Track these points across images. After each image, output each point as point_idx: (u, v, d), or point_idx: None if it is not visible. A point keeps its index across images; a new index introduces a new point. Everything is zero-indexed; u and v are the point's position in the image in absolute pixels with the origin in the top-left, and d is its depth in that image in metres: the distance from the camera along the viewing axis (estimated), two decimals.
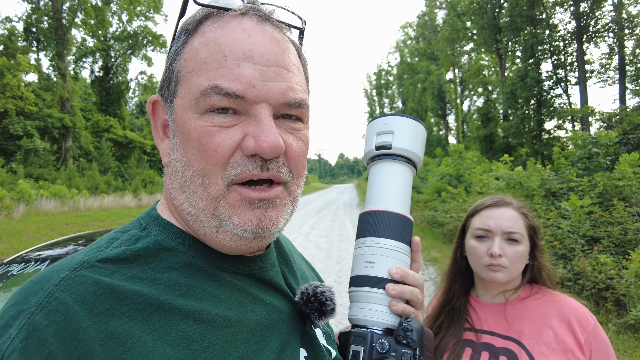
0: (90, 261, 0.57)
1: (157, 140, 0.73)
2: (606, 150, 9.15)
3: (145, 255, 0.62)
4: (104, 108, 32.72)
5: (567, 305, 1.39)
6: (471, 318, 1.52)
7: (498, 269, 1.42)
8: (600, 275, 5.51)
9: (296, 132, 0.68)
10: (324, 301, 0.75)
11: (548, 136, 23.01)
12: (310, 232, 14.08)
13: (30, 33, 28.25)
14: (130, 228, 0.68)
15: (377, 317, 0.78)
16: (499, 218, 1.46)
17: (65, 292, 0.52)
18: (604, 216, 6.52)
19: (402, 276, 0.79)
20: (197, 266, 0.65)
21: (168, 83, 0.68)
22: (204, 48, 0.63)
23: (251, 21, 0.64)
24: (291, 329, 0.73)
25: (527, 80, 22.26)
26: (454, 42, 33.38)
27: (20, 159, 22.97)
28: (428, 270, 8.80)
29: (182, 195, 0.66)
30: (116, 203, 21.31)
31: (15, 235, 11.45)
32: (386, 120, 0.87)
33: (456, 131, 41.18)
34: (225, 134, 0.61)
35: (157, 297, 0.57)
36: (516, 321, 1.42)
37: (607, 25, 20.97)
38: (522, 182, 9.21)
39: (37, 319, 0.49)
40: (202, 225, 0.65)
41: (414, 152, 0.86)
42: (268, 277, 0.75)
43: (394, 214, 0.82)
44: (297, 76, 0.68)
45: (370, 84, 70.43)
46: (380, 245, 0.81)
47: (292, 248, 0.99)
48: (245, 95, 0.60)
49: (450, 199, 13.80)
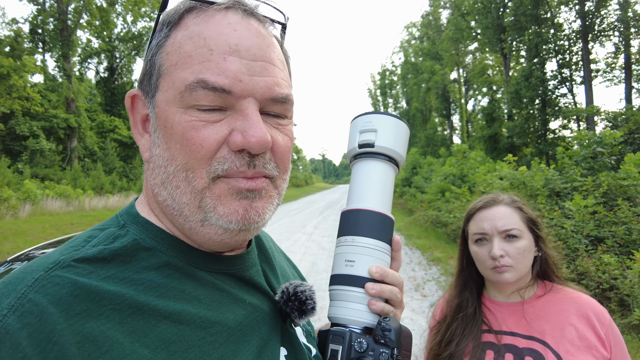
0: (66, 261, 0.55)
1: (136, 136, 0.72)
2: (611, 149, 9.08)
3: (124, 254, 0.61)
4: (109, 109, 32.89)
5: (583, 302, 1.38)
6: (488, 319, 1.49)
7: (504, 270, 1.39)
8: (604, 275, 5.48)
9: (281, 128, 0.68)
10: (304, 300, 0.75)
11: (553, 136, 22.87)
12: (313, 232, 14.08)
13: (36, 34, 28.46)
14: (108, 226, 0.67)
15: (356, 315, 0.78)
16: (492, 218, 1.44)
17: (39, 293, 0.50)
18: (609, 216, 6.48)
19: (382, 275, 0.79)
20: (177, 266, 0.64)
21: (149, 77, 0.66)
22: (188, 41, 0.62)
23: (236, 15, 0.64)
24: (271, 328, 0.73)
25: (531, 80, 22.16)
26: (458, 41, 33.25)
27: (27, 159, 23.15)
28: (431, 270, 8.79)
29: (164, 191, 0.65)
30: (121, 203, 21.39)
31: (21, 235, 11.54)
32: (369, 118, 0.87)
33: (460, 131, 41.06)
34: (211, 129, 0.61)
35: (135, 298, 0.56)
36: (536, 320, 1.39)
37: (613, 24, 20.83)
38: (526, 181, 9.17)
39: (10, 321, 0.47)
40: (187, 219, 0.64)
41: (396, 151, 0.86)
42: (249, 276, 0.74)
43: (375, 212, 0.82)
44: (282, 71, 0.68)
45: (374, 84, 70.28)
46: (360, 244, 0.80)
47: (272, 245, 0.99)
48: (232, 89, 0.60)
49: (454, 198, 13.75)
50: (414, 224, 15.43)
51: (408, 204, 21.44)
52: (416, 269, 8.94)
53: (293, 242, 11.90)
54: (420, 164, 26.71)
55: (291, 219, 18.61)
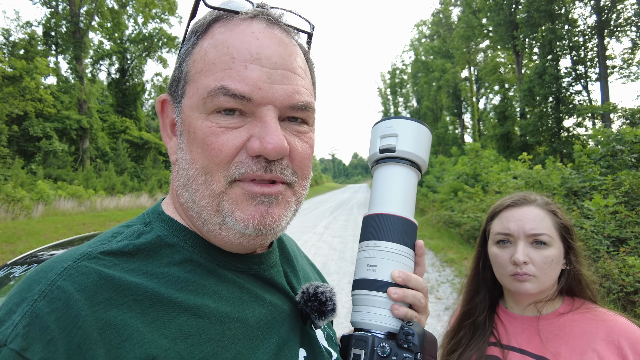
0: (93, 253, 0.58)
1: (165, 139, 0.75)
2: (631, 147, 8.80)
3: (147, 249, 0.63)
4: (121, 110, 33.19)
5: (618, 326, 1.16)
6: (498, 332, 1.34)
7: (525, 279, 1.22)
8: (628, 278, 5.27)
9: (301, 135, 0.69)
10: (325, 301, 0.75)
11: (567, 134, 22.44)
12: (324, 232, 14.00)
13: (49, 37, 28.89)
14: (134, 223, 0.70)
15: (379, 320, 0.77)
16: (521, 219, 1.28)
17: (67, 281, 0.53)
18: (631, 216, 6.26)
19: (405, 280, 0.78)
20: (198, 262, 0.66)
21: (177, 83, 0.69)
22: (212, 49, 0.64)
23: (260, 24, 0.66)
24: (291, 328, 0.73)
25: (545, 77, 21.77)
26: (470, 39, 32.91)
27: (40, 160, 23.46)
28: (445, 271, 8.62)
29: (186, 193, 0.67)
30: (132, 203, 21.57)
31: (35, 235, 11.65)
32: (390, 123, 0.87)
33: (472, 130, 40.60)
34: (230, 135, 0.63)
35: (156, 290, 0.58)
36: (552, 339, 1.22)
37: (630, 19, 20.34)
38: (542, 181, 8.95)
39: (40, 306, 0.50)
40: (206, 222, 0.66)
41: (418, 155, 0.86)
42: (269, 275, 0.75)
43: (397, 217, 0.82)
44: (304, 79, 0.69)
45: (384, 83, 70.01)
46: (382, 249, 0.80)
47: (296, 249, 1.00)
48: (251, 96, 0.61)
49: (467, 198, 13.54)
50: (427, 224, 15.26)
51: (420, 203, 21.26)
52: (429, 271, 8.77)
53: (304, 242, 11.82)
54: (432, 163, 26.47)
55: (302, 218, 18.55)
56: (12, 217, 14.48)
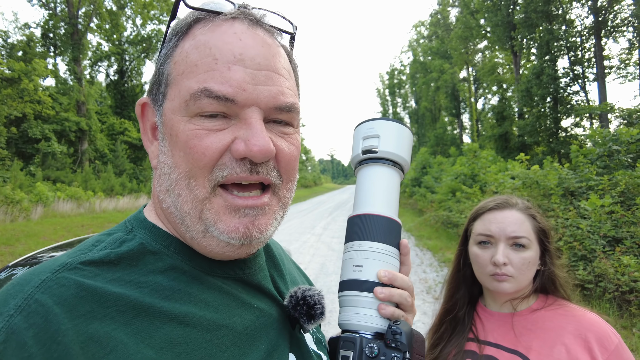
0: (72, 263, 0.56)
1: (146, 143, 0.73)
2: (627, 147, 8.85)
3: (130, 258, 0.61)
4: (119, 111, 33.18)
5: (586, 321, 1.24)
6: (476, 328, 1.41)
7: (504, 279, 1.29)
8: (623, 277, 5.32)
9: (287, 136, 0.68)
10: (313, 305, 0.74)
11: (565, 134, 22.49)
12: (322, 233, 14.01)
13: (48, 39, 28.89)
14: (116, 231, 0.67)
15: (366, 321, 0.77)
16: (503, 222, 1.34)
17: (45, 294, 0.51)
18: (627, 216, 6.31)
19: (391, 279, 0.77)
20: (183, 269, 0.65)
21: (158, 85, 0.68)
22: (194, 51, 0.63)
23: (242, 25, 0.64)
24: (280, 333, 0.72)
25: (542, 78, 21.80)
26: (468, 40, 32.93)
27: (39, 162, 23.45)
28: (443, 271, 8.65)
29: (168, 199, 0.65)
30: (131, 204, 21.55)
31: (33, 237, 11.65)
32: (371, 124, 0.88)
33: (470, 130, 40.61)
34: (214, 137, 0.61)
35: (140, 299, 0.57)
36: (525, 334, 1.29)
37: (627, 20, 20.41)
38: (539, 181, 8.99)
39: (16, 321, 0.48)
40: (189, 229, 0.64)
41: (400, 155, 0.86)
42: (256, 280, 0.74)
43: (382, 217, 0.82)
44: (288, 80, 0.68)
45: (382, 84, 69.98)
46: (368, 249, 0.80)
47: (282, 253, 0.98)
48: (235, 98, 0.60)
49: (465, 198, 13.57)
50: (425, 224, 15.28)
51: (418, 204, 21.27)
52: (427, 271, 8.81)
53: (302, 243, 11.82)
54: (430, 164, 26.50)
55: (300, 219, 18.56)
56: (10, 219, 14.46)
